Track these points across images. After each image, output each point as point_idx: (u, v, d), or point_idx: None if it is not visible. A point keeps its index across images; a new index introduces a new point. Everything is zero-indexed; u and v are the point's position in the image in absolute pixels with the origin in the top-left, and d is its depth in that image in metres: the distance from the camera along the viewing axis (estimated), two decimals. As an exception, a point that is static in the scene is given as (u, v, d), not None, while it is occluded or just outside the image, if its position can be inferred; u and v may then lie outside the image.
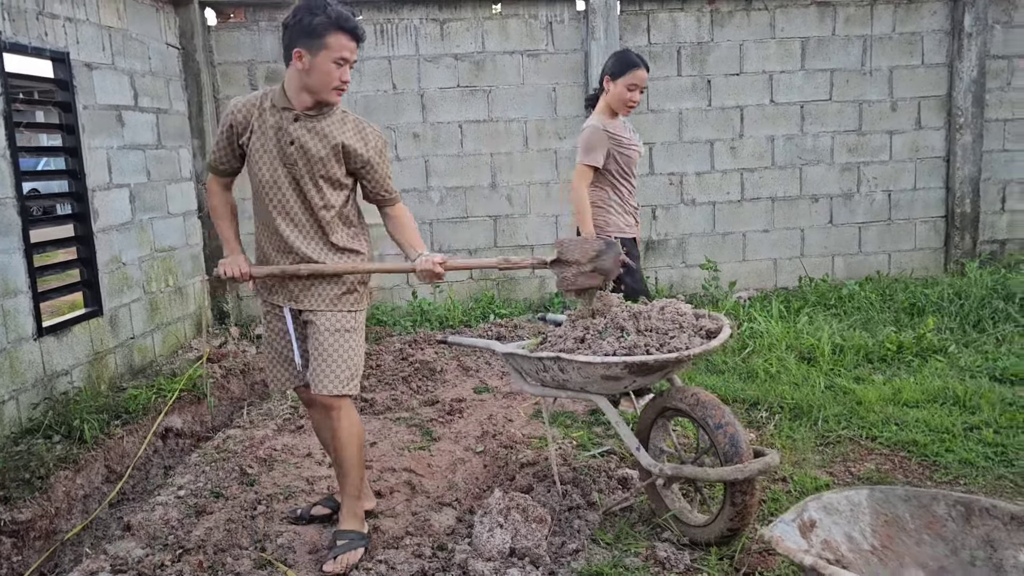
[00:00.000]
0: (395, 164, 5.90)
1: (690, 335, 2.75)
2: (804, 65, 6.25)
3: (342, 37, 2.60)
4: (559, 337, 2.88)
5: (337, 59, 2.60)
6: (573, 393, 2.89)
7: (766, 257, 6.43)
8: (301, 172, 2.71)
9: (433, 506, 3.10)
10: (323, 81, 2.62)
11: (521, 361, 2.94)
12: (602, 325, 2.81)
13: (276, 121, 2.69)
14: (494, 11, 5.97)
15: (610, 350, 2.67)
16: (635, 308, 2.88)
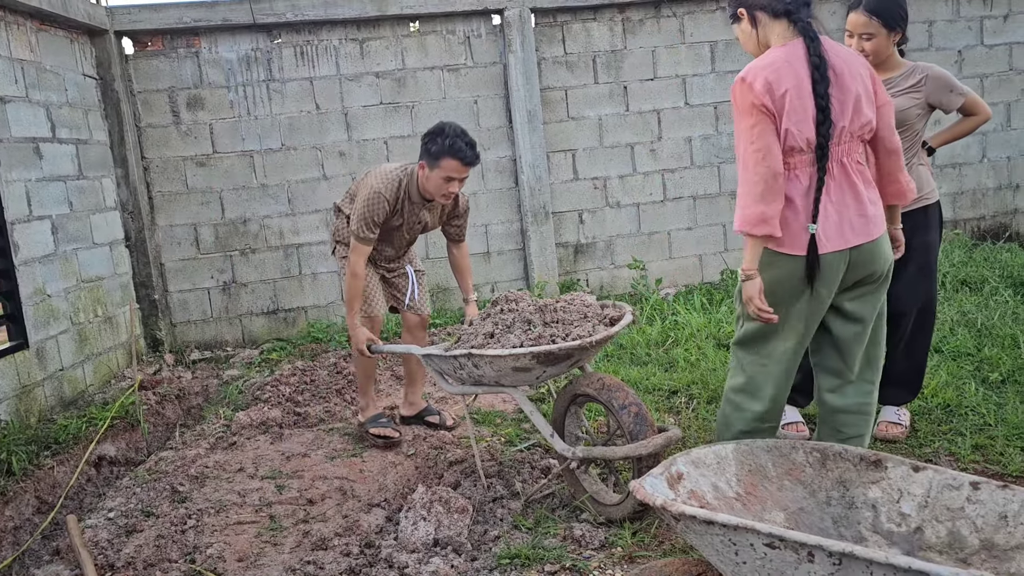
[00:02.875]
0: (323, 183, 5.98)
1: (594, 324, 2.91)
2: (715, 67, 6.50)
3: (454, 162, 3.36)
4: (470, 334, 3.01)
5: (446, 177, 3.40)
6: (489, 388, 3.01)
7: (691, 254, 6.64)
8: (417, 233, 3.83)
9: (363, 508, 3.18)
10: (434, 191, 3.47)
11: (439, 361, 3.06)
12: (510, 320, 2.94)
13: (411, 208, 3.64)
14: (412, 29, 6.10)
15: (517, 342, 2.80)
16: (541, 302, 3.03)
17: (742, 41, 2.69)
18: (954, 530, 1.62)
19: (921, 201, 3.22)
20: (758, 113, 2.41)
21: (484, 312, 3.11)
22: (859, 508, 1.68)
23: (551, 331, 2.85)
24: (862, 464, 1.71)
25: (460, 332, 3.14)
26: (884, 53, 3.11)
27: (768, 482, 1.72)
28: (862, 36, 3.08)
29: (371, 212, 3.49)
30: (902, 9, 3.10)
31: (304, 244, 6.04)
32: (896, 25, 3.09)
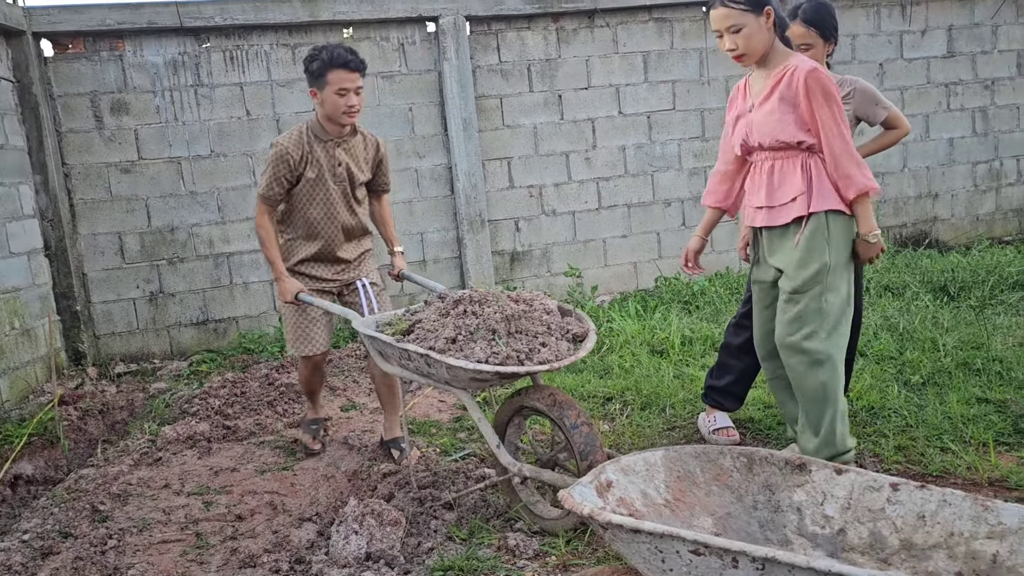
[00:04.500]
0: (254, 190, 5.85)
1: (557, 338, 2.81)
2: (647, 77, 6.59)
3: (339, 72, 3.24)
4: (428, 331, 2.85)
5: (338, 90, 3.25)
6: (436, 383, 2.91)
7: (626, 261, 6.71)
8: (347, 186, 3.51)
9: (294, 523, 3.11)
10: (333, 112, 3.31)
11: (383, 345, 2.96)
12: (473, 325, 2.78)
13: (323, 149, 3.42)
14: (345, 35, 6.03)
15: (482, 356, 2.66)
16: (509, 309, 2.83)
17: (752, 36, 2.80)
18: (875, 531, 1.65)
19: None
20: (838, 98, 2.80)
21: (444, 308, 2.93)
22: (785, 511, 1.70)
23: (516, 346, 2.71)
24: (787, 468, 1.73)
25: (414, 319, 2.98)
26: (820, 63, 3.18)
27: (696, 488, 1.73)
28: (800, 46, 3.15)
29: (276, 167, 3.36)
30: (835, 20, 3.20)
31: (235, 253, 5.90)
32: (831, 36, 3.19)
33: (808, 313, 2.83)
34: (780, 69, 2.85)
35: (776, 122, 2.81)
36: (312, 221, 3.51)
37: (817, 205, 2.82)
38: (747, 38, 2.79)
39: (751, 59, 2.85)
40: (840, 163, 2.78)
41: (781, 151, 2.86)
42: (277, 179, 3.38)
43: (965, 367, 4.03)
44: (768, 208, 2.90)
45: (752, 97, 2.94)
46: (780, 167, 2.88)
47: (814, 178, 2.83)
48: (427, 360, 2.73)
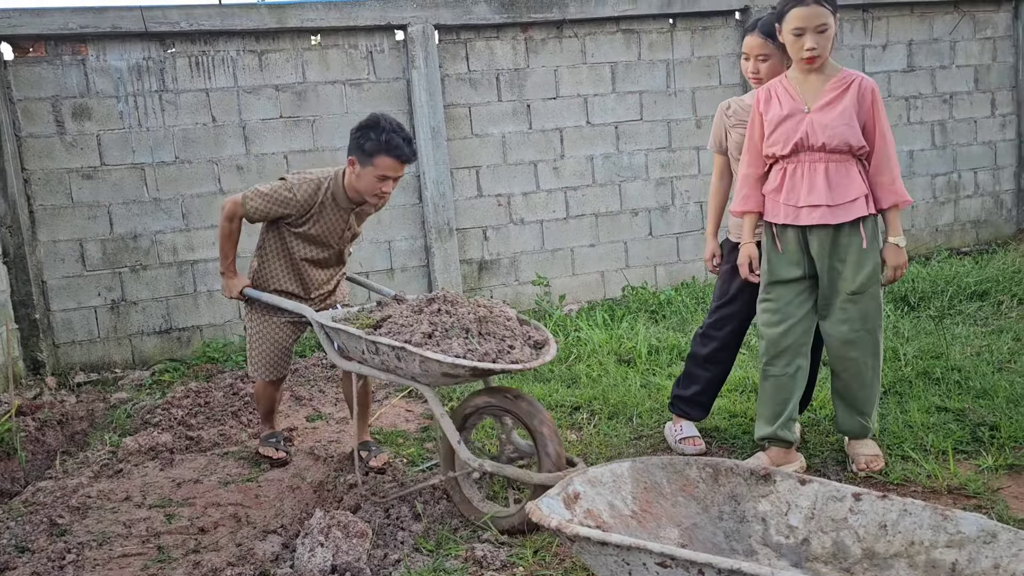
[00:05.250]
0: (219, 198, 5.79)
1: (521, 343, 2.91)
2: (615, 88, 6.63)
3: (389, 160, 3.14)
4: (402, 326, 2.90)
5: (380, 176, 3.18)
6: (396, 378, 2.94)
7: (594, 270, 6.74)
8: (347, 244, 3.55)
9: (258, 535, 3.07)
10: (366, 191, 3.23)
11: (345, 338, 2.97)
12: (448, 323, 2.85)
13: (336, 214, 3.36)
14: (314, 42, 6.00)
15: (460, 352, 2.73)
16: (480, 312, 2.94)
17: (831, 38, 2.97)
18: (838, 540, 1.68)
19: None
20: None
21: (416, 305, 3.00)
22: (750, 522, 1.72)
23: (488, 346, 2.81)
24: (752, 478, 1.75)
25: (383, 315, 3.04)
26: (778, 75, 3.23)
27: (663, 499, 1.74)
28: (758, 58, 3.21)
29: (274, 205, 3.29)
30: None
31: (199, 260, 5.83)
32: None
33: (872, 310, 3.08)
34: (842, 77, 3.03)
35: (846, 127, 2.96)
36: (298, 263, 3.48)
37: (873, 207, 3.03)
38: (828, 39, 2.97)
39: (822, 61, 2.99)
40: (892, 172, 3.02)
41: (838, 154, 3.00)
42: (267, 212, 3.32)
43: (925, 376, 4.10)
44: (829, 207, 3.01)
45: (806, 100, 3.03)
46: (836, 169, 3.00)
47: (866, 182, 3.03)
48: (399, 354, 2.75)
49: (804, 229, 3.06)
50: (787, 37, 2.98)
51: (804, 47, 2.92)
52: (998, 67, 7.75)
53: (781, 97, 3.05)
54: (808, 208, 3.02)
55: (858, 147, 2.98)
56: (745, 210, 3.19)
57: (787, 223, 3.07)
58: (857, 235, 3.03)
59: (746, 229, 3.23)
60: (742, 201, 3.20)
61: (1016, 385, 3.83)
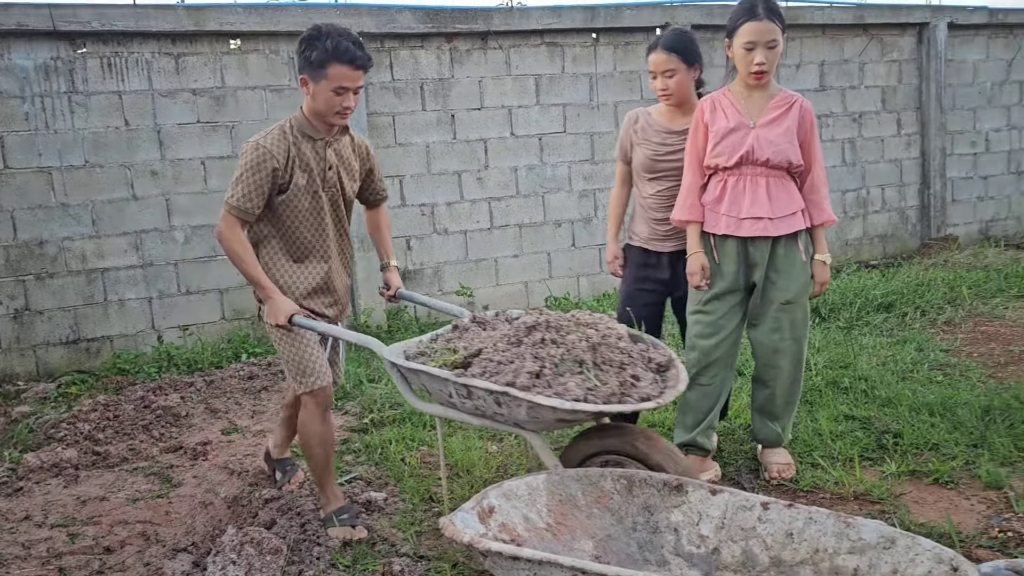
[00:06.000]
0: (132, 204, 5.60)
1: (643, 369, 2.50)
2: (539, 100, 6.69)
3: (342, 68, 2.75)
4: (500, 363, 2.41)
5: (337, 88, 2.77)
6: (494, 424, 2.47)
7: (517, 281, 6.76)
8: (337, 197, 3.01)
9: (168, 554, 2.97)
10: (325, 107, 2.82)
11: (427, 380, 2.53)
12: (558, 357, 2.39)
13: (311, 149, 2.91)
14: (233, 46, 5.87)
15: (579, 393, 2.25)
16: (592, 338, 2.50)
17: (779, 55, 3.06)
18: (747, 549, 1.72)
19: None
20: None
21: (512, 334, 2.52)
22: (663, 532, 1.74)
23: (610, 381, 2.36)
24: (665, 489, 1.78)
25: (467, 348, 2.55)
26: (686, 90, 3.30)
27: (578, 511, 1.75)
28: (664, 74, 3.26)
29: (255, 173, 2.78)
30: (697, 48, 3.31)
31: (111, 268, 5.62)
32: (694, 61, 3.29)
33: (800, 320, 3.20)
34: (784, 96, 3.14)
35: (789, 144, 3.07)
36: (303, 241, 2.96)
37: (808, 222, 3.16)
38: (777, 56, 3.06)
39: (769, 77, 3.08)
40: (822, 190, 3.18)
41: (778, 170, 3.11)
42: (257, 188, 2.79)
43: (834, 386, 4.25)
44: (770, 219, 3.11)
45: (750, 115, 3.11)
46: (775, 183, 3.11)
47: (800, 199, 3.16)
48: (499, 399, 2.29)
49: (744, 240, 3.14)
50: (737, 51, 3.06)
51: (754, 62, 3.00)
52: (904, 88, 8.12)
53: (727, 110, 3.13)
54: (751, 220, 3.10)
55: (797, 165, 3.10)
56: (691, 219, 3.24)
57: (728, 234, 3.14)
58: (795, 248, 3.14)
59: (692, 238, 3.26)
60: (688, 210, 3.24)
61: (918, 394, 4.00)
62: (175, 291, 5.77)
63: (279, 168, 2.83)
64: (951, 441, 3.48)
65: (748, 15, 3.00)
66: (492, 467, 3.47)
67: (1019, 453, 3.37)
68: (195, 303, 5.83)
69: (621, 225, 3.64)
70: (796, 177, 3.14)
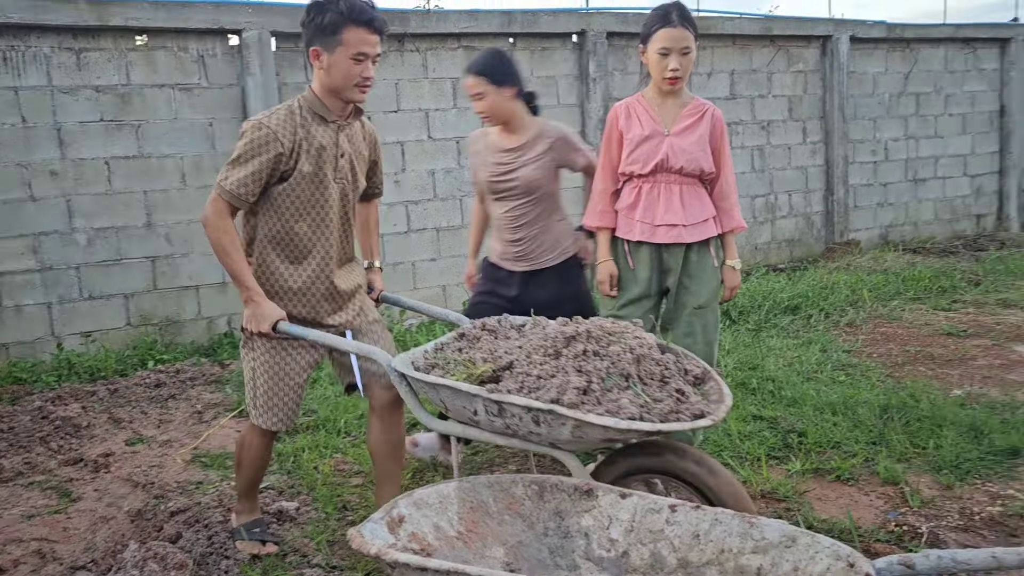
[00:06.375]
0: (30, 205, 5.35)
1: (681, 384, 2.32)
2: (457, 103, 6.68)
3: (360, 31, 2.47)
4: (539, 377, 2.19)
5: (356, 55, 2.48)
6: (522, 444, 2.24)
7: (435, 284, 6.73)
8: (348, 188, 2.70)
9: (65, 572, 2.84)
10: (344, 80, 2.51)
11: (449, 395, 2.25)
12: (603, 369, 2.21)
13: (324, 133, 2.59)
14: (139, 42, 5.67)
15: (634, 411, 2.08)
16: (632, 343, 2.33)
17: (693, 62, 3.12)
18: (656, 551, 1.75)
19: (561, 255, 3.39)
20: None
21: (550, 345, 2.29)
22: (573, 537, 1.76)
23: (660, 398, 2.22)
24: (576, 494, 1.80)
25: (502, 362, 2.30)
26: (503, 110, 3.24)
27: (489, 518, 1.75)
28: (475, 97, 3.24)
29: (257, 156, 2.46)
30: (510, 66, 3.26)
31: (6, 273, 5.34)
32: (505, 81, 3.21)
33: (712, 324, 3.24)
34: (696, 105, 3.19)
35: (701, 153, 3.12)
36: (302, 238, 2.64)
37: (719, 228, 3.22)
38: (690, 63, 3.11)
39: (682, 83, 3.12)
40: (732, 197, 3.23)
41: (691, 177, 3.15)
42: (255, 174, 2.48)
43: (743, 387, 4.37)
44: (684, 226, 3.15)
45: (664, 122, 3.15)
46: (687, 191, 3.16)
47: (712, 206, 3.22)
48: (538, 417, 2.09)
49: (659, 246, 3.19)
50: (652, 57, 3.10)
51: (668, 68, 3.05)
52: (809, 98, 8.43)
53: (641, 117, 3.18)
54: (665, 227, 3.15)
55: (709, 172, 3.17)
56: (602, 225, 3.27)
57: (642, 240, 3.19)
58: (707, 254, 3.21)
59: (602, 245, 3.29)
60: (599, 216, 3.27)
61: (822, 394, 4.16)
62: (77, 296, 5.54)
63: (284, 153, 2.51)
64: (852, 439, 3.62)
65: (663, 21, 3.06)
66: (407, 472, 3.44)
67: (914, 449, 3.53)
68: (98, 309, 5.60)
69: (481, 241, 3.68)
70: (707, 184, 3.22)
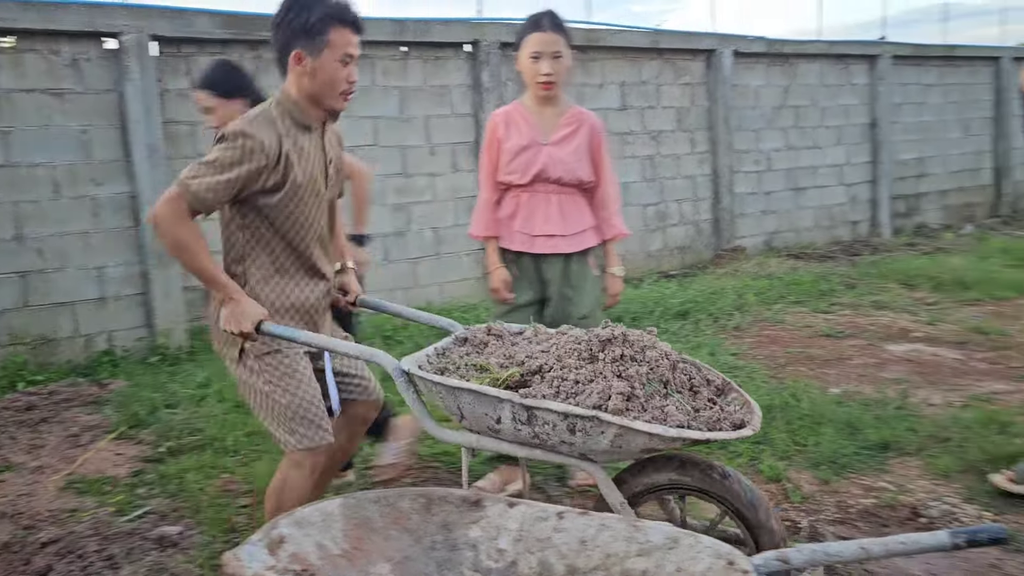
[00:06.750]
0: None
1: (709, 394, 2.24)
2: (350, 112, 6.55)
3: (346, 31, 2.33)
4: (576, 382, 2.08)
5: (343, 57, 2.33)
6: (546, 453, 2.13)
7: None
8: (335, 197, 2.59)
9: (-81, 615, 2.63)
10: (330, 85, 2.34)
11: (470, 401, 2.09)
12: (644, 375, 2.10)
13: (310, 141, 2.41)
14: (6, 44, 5.35)
15: (681, 419, 2.01)
16: (674, 354, 2.25)
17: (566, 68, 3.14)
18: (544, 559, 1.75)
19: None
20: None
21: (584, 349, 2.17)
22: (461, 549, 1.75)
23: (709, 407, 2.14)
24: (464, 505, 1.78)
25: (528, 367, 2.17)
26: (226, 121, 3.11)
27: (375, 534, 1.72)
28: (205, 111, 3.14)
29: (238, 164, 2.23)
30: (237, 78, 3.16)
31: None
32: (234, 93, 3.09)
33: None
34: (574, 113, 3.20)
35: (578, 162, 3.14)
36: (298, 251, 2.43)
37: (600, 237, 3.24)
38: (563, 68, 3.13)
39: (557, 89, 3.13)
40: (612, 206, 3.23)
41: (569, 187, 3.16)
42: (232, 183, 2.24)
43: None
44: (563, 236, 3.16)
45: (543, 131, 3.14)
46: (567, 201, 3.16)
47: (592, 214, 3.23)
48: (573, 425, 1.99)
49: (537, 257, 3.20)
50: (524, 63, 3.13)
51: (540, 72, 3.08)
52: (696, 110, 8.71)
53: (519, 126, 3.19)
54: (544, 237, 3.17)
55: (588, 182, 3.20)
56: (488, 235, 3.28)
57: (522, 251, 3.20)
58: (587, 264, 3.24)
59: (490, 254, 3.29)
60: (483, 226, 3.29)
61: (710, 396, 4.28)
62: (-63, 315, 5.17)
63: (267, 165, 2.28)
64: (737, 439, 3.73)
65: (533, 27, 3.11)
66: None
67: (796, 447, 3.67)
68: (-38, 328, 5.24)
69: None
70: (588, 193, 3.26)
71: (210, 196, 2.22)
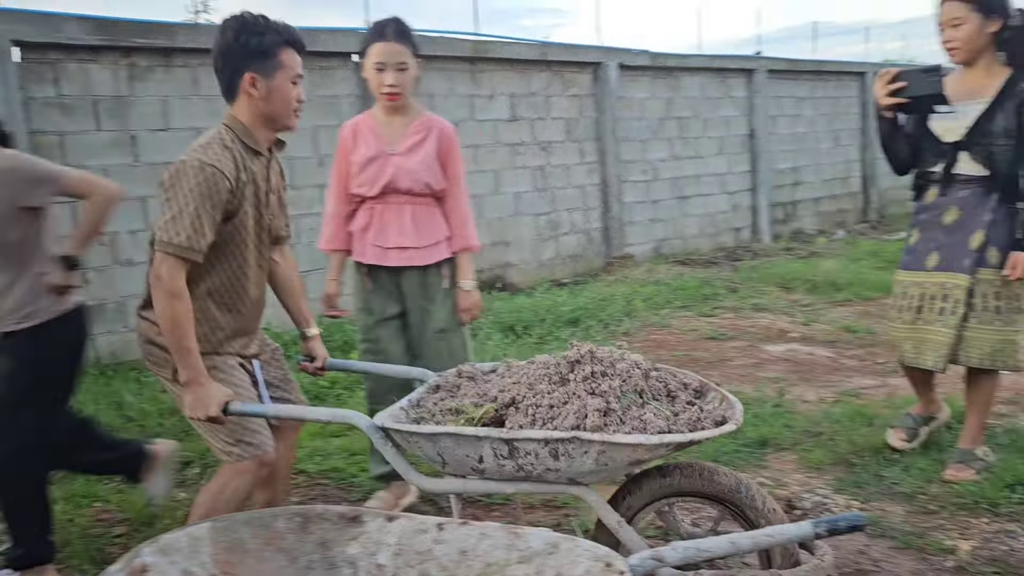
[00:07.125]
0: None
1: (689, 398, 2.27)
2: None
3: (293, 52, 2.40)
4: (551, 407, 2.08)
5: (293, 77, 2.41)
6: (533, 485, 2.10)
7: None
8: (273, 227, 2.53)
9: None
10: (285, 105, 2.41)
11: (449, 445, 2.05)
12: (617, 388, 2.10)
13: (257, 167, 2.41)
14: None
15: (662, 425, 2.03)
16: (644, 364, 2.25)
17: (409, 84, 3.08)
18: (424, 572, 1.74)
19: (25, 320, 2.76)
20: None
21: (553, 373, 2.18)
22: (340, 567, 1.71)
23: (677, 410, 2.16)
24: (342, 521, 1.75)
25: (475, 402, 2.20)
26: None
27: (248, 556, 1.67)
28: None
29: (207, 199, 2.20)
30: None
31: None
32: None
33: (458, 347, 3.21)
34: (423, 122, 3.14)
35: (427, 170, 3.08)
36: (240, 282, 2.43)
37: (452, 250, 3.20)
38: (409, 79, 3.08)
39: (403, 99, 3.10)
40: (465, 217, 3.19)
41: (422, 197, 3.11)
42: (209, 219, 2.22)
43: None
44: (416, 248, 3.11)
45: (390, 141, 3.09)
46: (422, 211, 3.12)
47: (446, 225, 3.18)
48: (557, 450, 1.98)
49: (395, 270, 3.18)
50: (369, 72, 3.08)
51: (384, 83, 3.04)
52: (584, 121, 8.89)
53: (367, 137, 3.14)
54: (397, 250, 3.13)
55: (439, 190, 3.16)
56: (334, 248, 3.25)
57: (375, 263, 3.16)
58: (439, 276, 3.20)
59: (332, 268, 3.29)
60: (329, 239, 3.26)
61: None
62: None
63: (232, 191, 2.27)
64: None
65: (377, 36, 3.06)
66: (179, 518, 3.21)
67: (680, 448, 3.78)
68: None
69: None
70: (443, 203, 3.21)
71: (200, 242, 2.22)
